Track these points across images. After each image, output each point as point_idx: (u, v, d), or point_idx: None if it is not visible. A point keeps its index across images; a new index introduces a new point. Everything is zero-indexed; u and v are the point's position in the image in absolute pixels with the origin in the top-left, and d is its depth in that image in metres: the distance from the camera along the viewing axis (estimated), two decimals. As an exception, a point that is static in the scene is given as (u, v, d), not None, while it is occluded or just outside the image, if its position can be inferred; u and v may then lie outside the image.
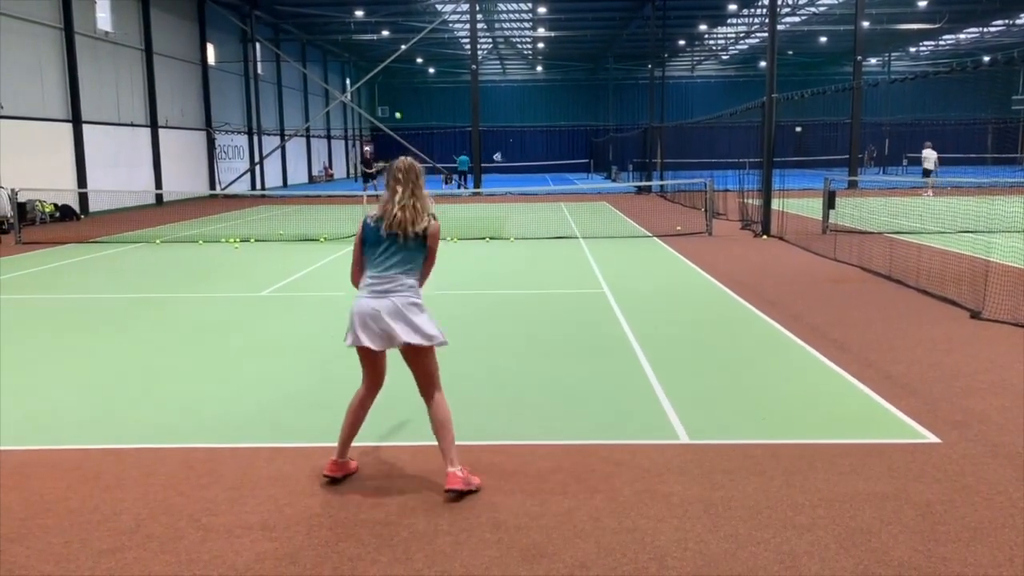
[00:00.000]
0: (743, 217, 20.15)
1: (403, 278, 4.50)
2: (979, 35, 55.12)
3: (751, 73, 63.15)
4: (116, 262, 14.87)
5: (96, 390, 6.72)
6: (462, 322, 9.17)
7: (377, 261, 4.52)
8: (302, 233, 19.03)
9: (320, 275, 12.92)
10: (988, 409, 5.86)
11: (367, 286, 4.54)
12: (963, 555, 3.80)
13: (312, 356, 7.74)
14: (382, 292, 4.47)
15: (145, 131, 31.65)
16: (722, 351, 7.75)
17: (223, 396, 6.50)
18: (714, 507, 4.34)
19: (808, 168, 40.84)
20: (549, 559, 3.82)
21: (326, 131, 57.18)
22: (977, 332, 8.29)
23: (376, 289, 4.49)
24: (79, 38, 26.79)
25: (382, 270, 4.50)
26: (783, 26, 47.89)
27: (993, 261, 11.06)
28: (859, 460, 4.94)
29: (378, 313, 4.44)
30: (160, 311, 10.13)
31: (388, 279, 4.49)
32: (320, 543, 4.01)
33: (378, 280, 4.50)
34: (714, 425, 5.64)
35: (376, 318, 4.45)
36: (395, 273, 4.49)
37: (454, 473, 4.46)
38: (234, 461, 5.07)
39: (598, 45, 56.86)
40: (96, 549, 3.98)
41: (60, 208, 24.23)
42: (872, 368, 6.98)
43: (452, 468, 4.47)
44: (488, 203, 30.10)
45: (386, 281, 4.48)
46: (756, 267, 13.14)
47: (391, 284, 4.48)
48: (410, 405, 6.17)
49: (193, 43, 36.63)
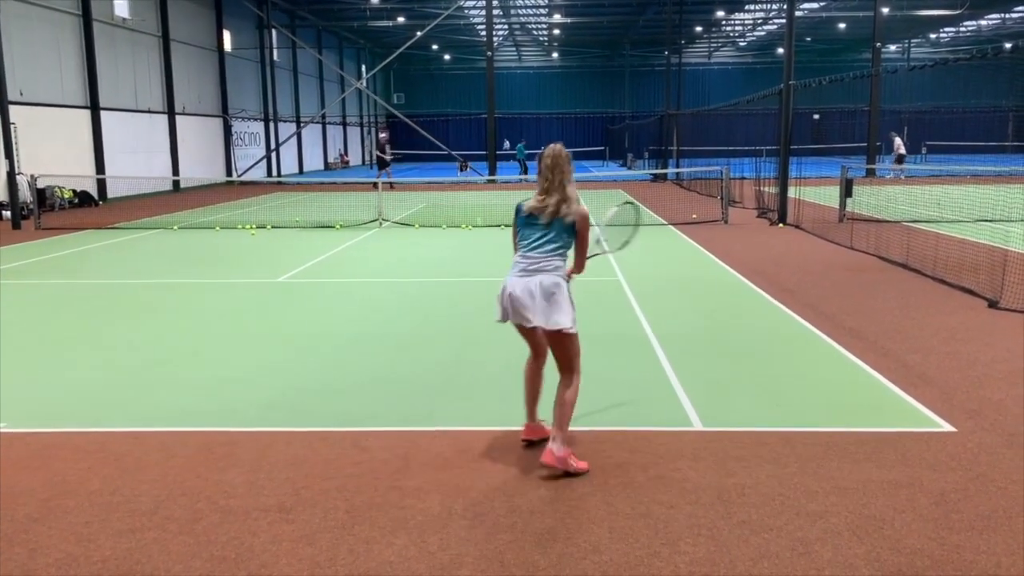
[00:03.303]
0: (759, 205, 20.04)
1: (551, 259, 4.69)
2: (1000, 21, 54.38)
3: (768, 60, 62.64)
4: (134, 248, 15.00)
5: (116, 374, 6.81)
6: (480, 309, 9.20)
7: (528, 244, 4.74)
8: (318, 220, 19.10)
9: (337, 262, 12.98)
10: (1004, 399, 5.84)
11: (516, 264, 4.76)
12: (976, 543, 3.80)
13: (329, 342, 7.79)
14: (530, 271, 4.68)
15: (162, 118, 31.81)
16: (737, 339, 7.75)
17: (241, 380, 6.57)
18: (727, 494, 4.36)
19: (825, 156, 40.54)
20: (563, 543, 3.86)
21: (342, 118, 57.24)
22: (994, 321, 8.24)
23: (526, 269, 4.69)
24: (97, 25, 26.92)
25: (530, 251, 4.72)
26: (801, 12, 47.40)
27: (1011, 250, 10.98)
28: (873, 448, 4.94)
29: (519, 293, 4.65)
30: (178, 296, 10.22)
31: (535, 259, 4.69)
32: (336, 526, 4.06)
33: (527, 260, 4.71)
34: (728, 413, 5.65)
35: (516, 298, 4.66)
36: (541, 255, 4.69)
37: (550, 450, 4.59)
38: (252, 445, 5.13)
39: (614, 31, 56.54)
40: (116, 529, 4.05)
41: (79, 194, 24.43)
42: (888, 357, 6.96)
43: (552, 444, 4.61)
44: (504, 190, 30.08)
45: (534, 261, 4.69)
46: (772, 255, 13.09)
47: (539, 264, 4.68)
48: (429, 390, 6.22)
49: (210, 30, 36.73)
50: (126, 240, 16.15)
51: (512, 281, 4.70)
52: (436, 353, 7.33)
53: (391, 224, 18.29)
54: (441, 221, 18.60)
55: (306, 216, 20.25)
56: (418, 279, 11.29)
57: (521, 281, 4.66)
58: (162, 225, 18.85)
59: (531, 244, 4.70)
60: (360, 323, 8.64)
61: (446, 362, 7.03)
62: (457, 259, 13.16)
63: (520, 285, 4.65)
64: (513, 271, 4.74)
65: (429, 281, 11.14)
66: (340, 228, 17.63)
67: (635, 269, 11.77)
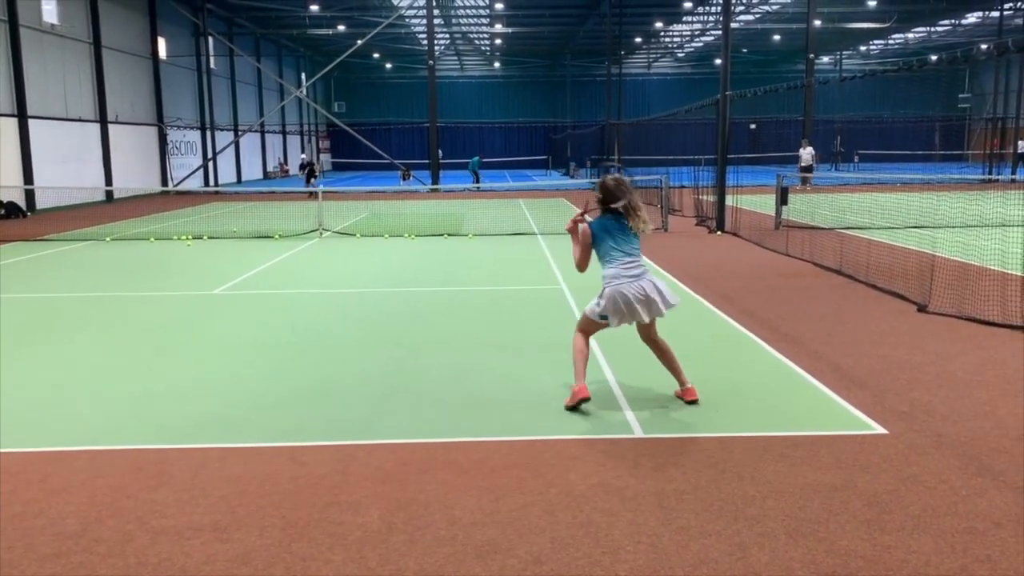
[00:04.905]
0: (698, 213, 20.37)
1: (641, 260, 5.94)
2: (926, 35, 56.37)
3: (706, 70, 63.84)
4: (64, 260, 14.54)
5: (41, 391, 6.57)
6: (419, 318, 9.14)
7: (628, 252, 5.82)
8: (257, 230, 18.78)
9: (275, 273, 12.77)
10: (933, 400, 6.01)
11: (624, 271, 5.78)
12: (907, 543, 3.89)
13: (265, 355, 7.65)
14: (638, 275, 5.77)
15: (94, 126, 30.95)
16: (676, 345, 7.78)
17: (173, 396, 6.39)
18: (667, 500, 4.38)
19: (762, 165, 41.41)
20: (504, 555, 3.83)
21: (281, 127, 56.48)
22: (923, 325, 8.49)
23: (635, 274, 5.77)
24: (24, 31, 26.08)
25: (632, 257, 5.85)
26: (737, 24, 48.48)
27: (939, 256, 11.34)
28: (809, 452, 5.03)
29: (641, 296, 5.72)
30: (109, 310, 9.93)
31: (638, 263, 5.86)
32: (272, 543, 3.97)
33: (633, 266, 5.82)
34: (668, 419, 5.70)
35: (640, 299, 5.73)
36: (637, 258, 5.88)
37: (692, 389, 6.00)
38: (185, 462, 5.00)
39: (555, 42, 56.95)
40: (40, 554, 3.89)
41: (5, 205, 23.58)
42: (822, 361, 7.11)
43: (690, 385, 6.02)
44: (446, 199, 30.02)
45: (637, 266, 5.84)
46: (710, 263, 13.30)
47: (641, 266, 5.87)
48: (368, 402, 6.15)
49: (144, 37, 35.90)
50: (55, 253, 15.65)
51: (628, 287, 5.66)
52: (376, 364, 7.25)
53: (332, 234, 18.08)
54: (383, 231, 18.46)
55: (244, 226, 19.89)
56: (359, 289, 11.16)
57: (638, 284, 5.69)
58: (94, 237, 18.32)
59: (631, 252, 5.80)
60: (298, 335, 8.50)
61: (386, 373, 6.95)
62: (400, 269, 13.06)
63: (636, 288, 5.67)
64: (621, 280, 5.69)
65: (370, 292, 11.02)
66: (279, 238, 17.36)
67: (576, 278, 11.78)
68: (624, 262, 5.74)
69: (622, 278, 5.69)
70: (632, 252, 5.79)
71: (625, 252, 5.76)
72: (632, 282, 5.68)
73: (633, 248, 5.81)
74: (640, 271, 5.76)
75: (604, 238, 5.81)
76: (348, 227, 19.50)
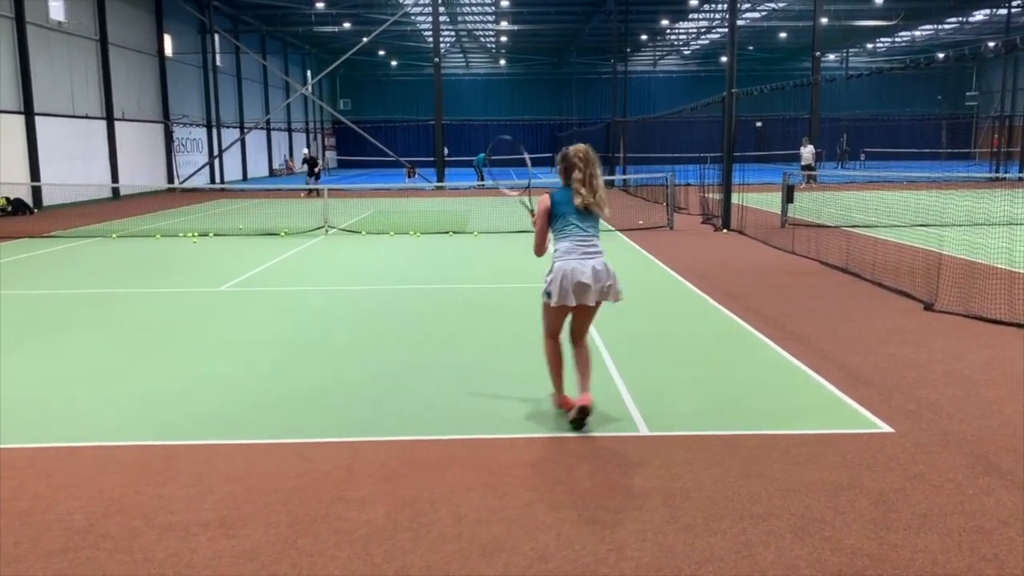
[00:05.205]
0: (704, 211, 20.33)
1: (597, 241, 5.47)
2: (934, 32, 56.15)
3: (712, 68, 63.66)
4: (71, 257, 14.58)
5: (50, 388, 6.59)
6: (424, 315, 9.14)
7: (581, 230, 5.39)
8: (262, 227, 18.80)
9: (281, 270, 12.79)
10: (940, 399, 5.99)
11: (574, 249, 5.36)
12: (913, 542, 3.89)
13: (271, 352, 7.66)
14: (591, 254, 5.35)
15: (101, 123, 31.01)
16: (682, 344, 7.83)
17: (180, 393, 6.41)
18: (672, 498, 4.38)
19: (768, 163, 41.32)
20: (509, 552, 3.83)
21: (287, 124, 56.51)
22: (930, 323, 8.46)
23: (586, 252, 5.34)
24: (31, 28, 26.15)
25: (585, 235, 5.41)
26: (743, 22, 48.35)
27: (946, 254, 11.30)
28: (815, 450, 5.02)
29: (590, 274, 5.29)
30: (116, 307, 9.95)
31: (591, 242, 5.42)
32: (278, 540, 3.98)
33: (585, 244, 5.38)
34: (673, 417, 5.69)
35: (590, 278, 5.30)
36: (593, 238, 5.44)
37: (588, 396, 5.42)
38: (191, 458, 5.01)
39: (561, 39, 56.88)
40: (47, 550, 3.91)
41: (12, 202, 23.66)
42: (828, 360, 7.09)
43: (588, 394, 5.43)
44: (451, 197, 30.02)
45: (591, 245, 5.40)
46: (716, 261, 13.28)
47: (596, 246, 5.43)
48: (373, 399, 6.15)
49: (150, 34, 35.96)
50: (62, 249, 15.69)
51: (580, 264, 5.24)
52: (381, 362, 7.25)
53: (337, 231, 18.10)
54: (389, 228, 18.47)
55: (250, 223, 19.92)
56: (365, 287, 11.17)
57: (589, 263, 5.26)
58: (100, 233, 18.36)
59: (589, 230, 5.37)
60: (304, 332, 8.52)
61: (391, 371, 6.96)
62: (405, 266, 13.06)
63: (588, 267, 5.24)
64: (574, 255, 5.26)
65: (375, 289, 11.03)
66: (285, 235, 17.38)
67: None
68: (581, 237, 5.34)
69: (575, 253, 5.29)
70: (590, 230, 5.38)
71: (583, 228, 5.34)
72: (585, 260, 5.27)
73: (592, 226, 5.40)
74: (596, 251, 5.35)
75: (565, 210, 5.37)
76: (353, 224, 19.51)
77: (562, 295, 5.25)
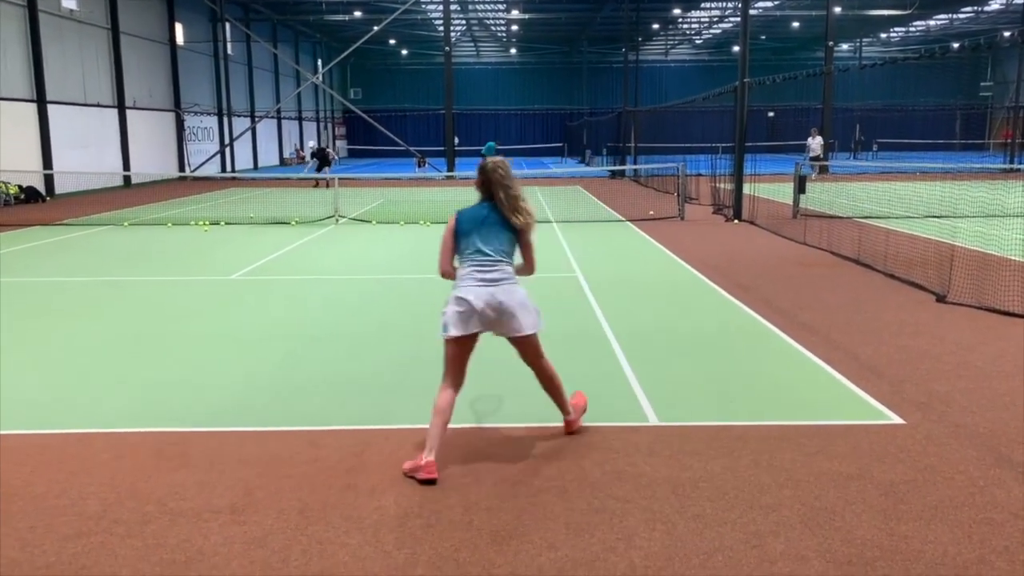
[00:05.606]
0: (715, 202, 20.26)
1: (505, 265, 4.81)
2: (948, 22, 55.63)
3: (724, 57, 63.31)
4: (83, 245, 14.66)
5: (63, 374, 6.64)
6: (434, 305, 9.13)
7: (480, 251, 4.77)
8: (273, 216, 18.85)
9: (292, 259, 12.82)
10: (952, 391, 5.97)
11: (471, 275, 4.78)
12: (924, 533, 3.88)
13: (282, 341, 7.69)
14: (491, 280, 4.73)
15: (112, 112, 31.12)
16: (692, 334, 7.81)
17: (192, 380, 6.45)
18: (682, 488, 4.38)
19: (780, 153, 41.10)
20: (519, 540, 3.85)
21: (298, 113, 56.55)
22: (942, 315, 8.42)
23: (485, 278, 4.73)
24: (43, 16, 26.23)
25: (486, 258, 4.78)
26: (756, 11, 48.02)
27: (958, 245, 11.23)
28: (825, 441, 5.01)
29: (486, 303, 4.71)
30: (128, 295, 10.01)
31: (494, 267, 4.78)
32: (289, 526, 4.01)
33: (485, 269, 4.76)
34: (684, 407, 5.69)
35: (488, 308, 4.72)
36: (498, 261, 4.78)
37: (572, 420, 5.16)
38: (203, 445, 5.04)
39: (572, 28, 56.63)
40: (61, 534, 3.95)
41: (25, 190, 23.78)
42: (840, 351, 7.07)
43: (571, 417, 5.17)
44: (462, 186, 29.99)
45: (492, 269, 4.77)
46: (727, 251, 13.24)
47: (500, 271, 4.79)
48: (384, 388, 6.17)
49: (161, 23, 36.01)
50: (75, 237, 15.77)
51: (476, 291, 4.64)
52: (392, 351, 7.27)
53: (348, 220, 18.12)
54: (399, 217, 18.48)
55: (261, 212, 19.97)
56: (375, 276, 11.19)
57: (485, 291, 4.65)
58: (112, 221, 18.45)
59: (485, 251, 4.71)
60: (314, 321, 8.54)
61: (402, 360, 6.98)
62: (414, 256, 13.08)
63: (486, 294, 4.64)
64: (468, 282, 4.67)
65: (386, 278, 11.05)
66: (296, 224, 17.42)
67: (592, 265, 11.82)
68: (480, 262, 4.69)
69: (472, 279, 4.67)
70: (495, 252, 4.70)
71: (485, 252, 4.69)
72: (483, 286, 4.64)
73: (499, 247, 4.72)
74: (499, 276, 4.68)
75: (470, 230, 4.73)
76: (364, 214, 19.53)
77: (447, 324, 4.68)
